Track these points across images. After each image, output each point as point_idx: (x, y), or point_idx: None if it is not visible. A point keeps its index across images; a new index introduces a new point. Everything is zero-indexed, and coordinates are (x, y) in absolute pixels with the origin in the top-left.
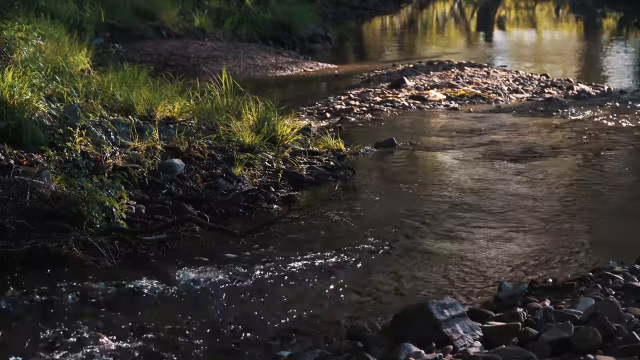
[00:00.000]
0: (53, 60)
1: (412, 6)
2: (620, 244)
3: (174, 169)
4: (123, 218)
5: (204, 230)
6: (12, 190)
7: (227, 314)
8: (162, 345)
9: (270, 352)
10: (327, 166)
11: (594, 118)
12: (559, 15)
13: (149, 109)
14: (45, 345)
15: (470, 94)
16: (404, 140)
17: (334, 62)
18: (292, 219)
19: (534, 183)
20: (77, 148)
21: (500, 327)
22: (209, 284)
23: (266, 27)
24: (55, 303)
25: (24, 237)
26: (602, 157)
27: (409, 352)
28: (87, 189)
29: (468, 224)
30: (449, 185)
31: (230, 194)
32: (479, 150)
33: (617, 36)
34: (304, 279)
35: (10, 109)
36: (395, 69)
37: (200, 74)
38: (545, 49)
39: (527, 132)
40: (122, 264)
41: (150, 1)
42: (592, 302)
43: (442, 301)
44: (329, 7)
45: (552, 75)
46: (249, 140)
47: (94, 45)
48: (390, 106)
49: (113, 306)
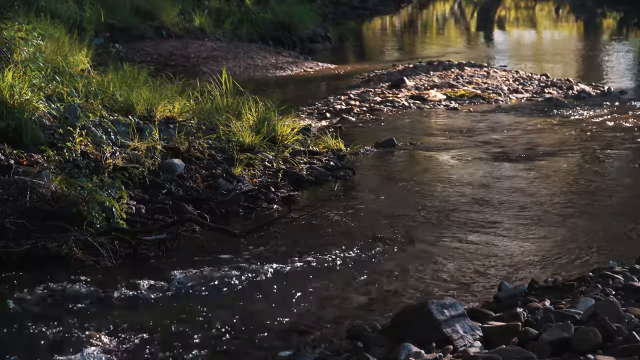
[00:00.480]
0: (53, 60)
1: (412, 6)
2: (620, 244)
3: (174, 169)
4: (123, 218)
5: (204, 230)
6: (12, 190)
7: (227, 314)
8: (161, 345)
9: (271, 352)
10: (327, 166)
11: (594, 118)
12: (559, 15)
13: (149, 109)
14: (45, 345)
15: (470, 94)
16: (404, 140)
17: (334, 62)
18: (292, 219)
19: (533, 183)
20: (77, 148)
21: (500, 327)
22: (208, 284)
23: (266, 27)
24: (55, 303)
25: (24, 237)
26: (602, 157)
27: (409, 352)
28: (87, 189)
29: (468, 223)
30: (449, 186)
31: (230, 194)
32: (478, 150)
33: (617, 36)
34: (304, 279)
35: (10, 109)
36: (395, 69)
37: (200, 74)
38: (545, 49)
39: (527, 132)
40: (122, 264)
41: (150, 1)
42: (592, 302)
43: (442, 301)
44: (329, 7)
45: (552, 75)
46: (249, 140)
47: (94, 45)
48: (390, 106)
49: (113, 306)
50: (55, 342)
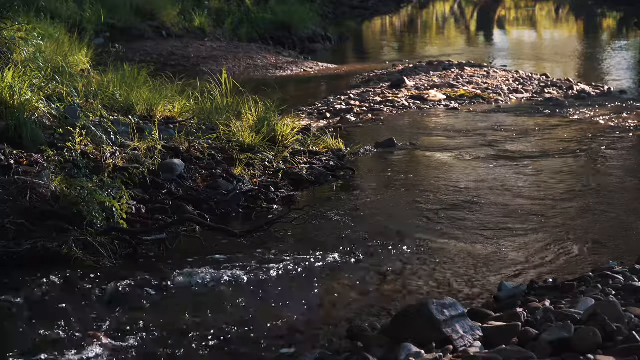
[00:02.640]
0: (53, 60)
1: (412, 6)
2: (620, 244)
3: (174, 169)
4: (123, 218)
5: (204, 230)
6: (12, 190)
7: (227, 314)
8: (162, 345)
9: (271, 352)
10: (327, 166)
11: (594, 118)
12: (559, 15)
13: (149, 109)
14: (45, 345)
15: (470, 94)
16: (404, 140)
17: (334, 62)
18: (292, 219)
19: (534, 183)
20: (77, 148)
21: (500, 327)
22: (208, 284)
23: (266, 27)
24: (55, 303)
25: (24, 237)
26: (603, 157)
27: (409, 352)
28: (87, 189)
29: (468, 223)
30: (449, 186)
31: (230, 194)
32: (478, 150)
33: (617, 36)
34: (304, 279)
35: (10, 109)
36: (395, 69)
37: (200, 74)
38: (545, 49)
39: (527, 132)
40: (122, 264)
41: (150, 1)
42: (592, 302)
43: (442, 301)
44: (329, 7)
45: (552, 75)
46: (249, 140)
47: (94, 45)
48: (390, 106)
49: (113, 306)
50: (55, 342)
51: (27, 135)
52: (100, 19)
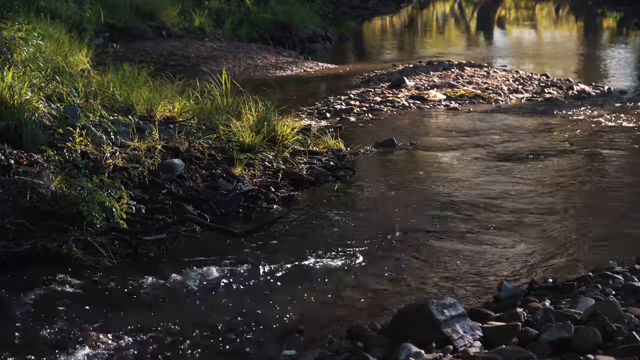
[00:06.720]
0: (53, 60)
1: (412, 6)
2: (620, 244)
3: (174, 169)
4: (123, 218)
5: (204, 230)
6: (12, 190)
7: (227, 314)
8: (162, 345)
9: (271, 352)
10: (327, 166)
11: (594, 118)
12: (559, 15)
13: (149, 109)
14: (45, 345)
15: (470, 94)
16: (404, 140)
17: (334, 62)
18: (292, 219)
19: (534, 183)
20: (77, 148)
21: (500, 327)
22: (208, 284)
23: (266, 27)
24: (55, 303)
25: (24, 237)
26: (603, 157)
27: (409, 352)
28: (87, 189)
29: (468, 223)
30: (449, 186)
31: (230, 194)
32: (479, 150)
33: (617, 36)
34: (304, 279)
35: (10, 109)
36: (395, 69)
37: (200, 74)
38: (545, 49)
39: (527, 132)
40: (122, 264)
41: (150, 1)
42: (592, 302)
43: (442, 301)
44: (329, 7)
45: (552, 75)
46: (249, 140)
47: (94, 45)
48: (390, 106)
49: (113, 306)
50: (55, 342)
51: (27, 135)
52: (100, 19)
